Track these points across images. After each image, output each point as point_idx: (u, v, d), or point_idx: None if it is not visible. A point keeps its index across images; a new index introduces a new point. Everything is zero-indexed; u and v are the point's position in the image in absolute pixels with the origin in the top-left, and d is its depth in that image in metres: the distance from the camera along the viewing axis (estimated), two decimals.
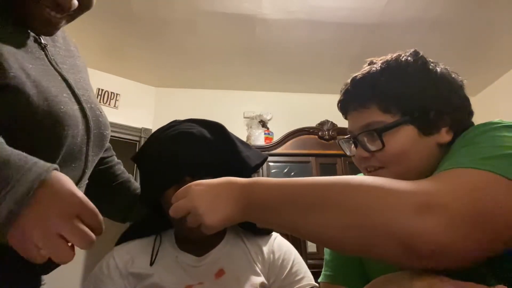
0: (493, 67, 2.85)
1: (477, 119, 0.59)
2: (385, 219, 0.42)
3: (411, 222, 0.40)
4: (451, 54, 2.61)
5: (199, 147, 0.77)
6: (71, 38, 0.82)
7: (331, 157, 2.62)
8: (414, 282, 0.40)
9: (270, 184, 0.53)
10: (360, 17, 2.28)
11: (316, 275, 0.84)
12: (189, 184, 0.59)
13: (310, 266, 0.88)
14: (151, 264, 0.75)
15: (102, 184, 0.90)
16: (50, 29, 0.67)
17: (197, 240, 0.77)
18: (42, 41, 0.69)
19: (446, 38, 2.47)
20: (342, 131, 2.62)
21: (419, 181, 0.46)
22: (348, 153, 0.70)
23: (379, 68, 0.64)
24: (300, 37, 2.48)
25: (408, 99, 0.61)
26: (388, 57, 0.66)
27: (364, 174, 0.67)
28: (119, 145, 2.71)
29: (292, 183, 0.51)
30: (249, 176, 0.76)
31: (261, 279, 0.76)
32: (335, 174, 2.63)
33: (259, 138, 2.71)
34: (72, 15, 0.68)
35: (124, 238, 0.84)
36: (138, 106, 3.00)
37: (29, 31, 0.67)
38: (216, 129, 0.82)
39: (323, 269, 0.81)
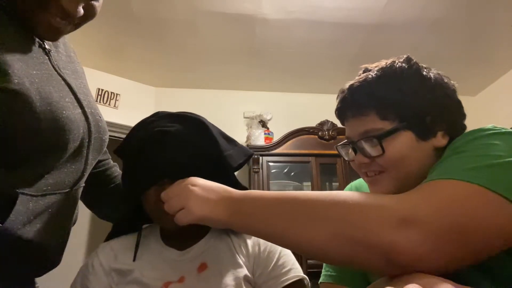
0: (493, 67, 2.84)
1: (477, 119, 0.60)
2: (367, 232, 0.45)
3: (391, 236, 0.43)
4: (451, 54, 2.61)
5: (178, 148, 0.74)
6: (70, 44, 0.83)
7: (331, 157, 2.62)
8: (414, 281, 0.40)
9: (260, 196, 0.57)
10: (360, 17, 2.28)
11: (315, 275, 0.84)
12: (186, 183, 0.64)
13: (309, 266, 0.88)
14: (134, 259, 0.75)
15: (98, 187, 0.90)
16: (55, 35, 0.68)
17: (181, 234, 0.77)
18: (46, 46, 0.70)
19: (446, 38, 2.47)
20: (342, 131, 2.62)
21: (402, 195, 0.49)
22: (346, 158, 0.71)
23: (374, 75, 0.65)
24: (300, 37, 2.48)
25: (405, 105, 0.62)
26: (383, 63, 0.67)
27: (364, 179, 0.68)
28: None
29: (280, 196, 0.55)
30: (232, 175, 0.80)
31: (244, 271, 0.74)
32: (335, 174, 2.64)
33: (259, 138, 2.71)
34: (76, 24, 0.69)
35: (109, 237, 0.83)
36: (138, 106, 2.99)
37: (33, 36, 0.67)
38: (197, 125, 0.78)
39: (323, 269, 0.81)
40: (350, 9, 2.21)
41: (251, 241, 0.79)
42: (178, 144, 0.75)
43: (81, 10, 0.65)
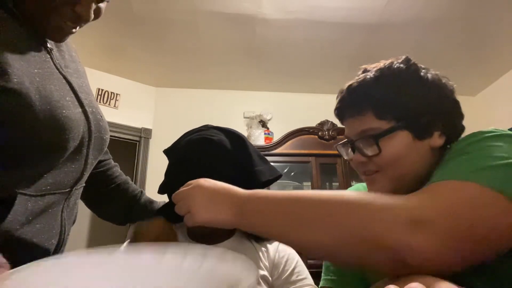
0: (493, 67, 2.84)
1: (477, 119, 0.61)
2: (377, 233, 0.45)
3: (402, 237, 0.43)
4: (451, 54, 2.61)
5: (215, 154, 0.83)
6: (72, 43, 0.83)
7: (331, 157, 2.61)
8: (413, 279, 0.40)
9: (267, 196, 0.56)
10: (360, 17, 2.28)
11: (315, 275, 0.84)
12: (192, 185, 0.64)
13: (310, 266, 0.89)
14: None
15: (99, 187, 0.90)
16: (63, 37, 0.69)
17: (205, 233, 0.84)
18: (48, 45, 0.70)
19: (446, 38, 2.47)
20: (342, 131, 2.60)
21: (411, 196, 0.48)
22: (345, 157, 0.72)
23: (373, 76, 0.66)
24: (300, 37, 2.48)
25: (402, 106, 0.63)
26: (381, 64, 0.68)
27: (362, 178, 0.69)
28: (119, 145, 2.70)
29: (288, 196, 0.54)
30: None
31: (263, 272, 0.81)
32: (335, 174, 2.63)
33: (259, 138, 2.71)
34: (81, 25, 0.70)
35: None
36: (138, 106, 3.00)
37: (36, 35, 0.67)
38: (237, 140, 0.88)
39: (324, 274, 0.81)
40: (350, 9, 2.21)
41: (272, 247, 0.88)
42: (217, 151, 0.84)
43: (92, 15, 0.66)
